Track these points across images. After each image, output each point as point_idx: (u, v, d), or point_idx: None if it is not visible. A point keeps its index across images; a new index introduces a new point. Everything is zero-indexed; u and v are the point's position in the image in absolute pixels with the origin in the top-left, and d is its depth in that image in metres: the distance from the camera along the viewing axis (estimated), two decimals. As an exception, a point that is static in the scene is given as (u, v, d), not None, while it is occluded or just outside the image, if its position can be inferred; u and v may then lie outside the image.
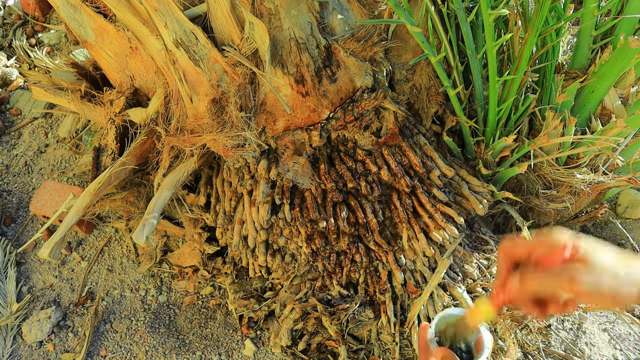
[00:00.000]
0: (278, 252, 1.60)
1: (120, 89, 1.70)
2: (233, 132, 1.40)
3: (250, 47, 1.35)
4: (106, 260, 2.00)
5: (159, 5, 1.29)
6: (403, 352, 1.56)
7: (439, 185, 1.51)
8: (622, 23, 1.37)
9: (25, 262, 2.02)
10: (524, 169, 1.46)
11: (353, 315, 1.59)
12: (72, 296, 1.92)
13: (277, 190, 1.48)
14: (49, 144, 2.36)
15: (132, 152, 1.61)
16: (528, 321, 1.50)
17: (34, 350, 1.78)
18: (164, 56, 1.43)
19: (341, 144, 1.50)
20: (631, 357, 1.58)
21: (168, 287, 1.92)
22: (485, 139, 1.56)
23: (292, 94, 1.40)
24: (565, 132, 1.43)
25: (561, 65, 1.63)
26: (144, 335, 1.80)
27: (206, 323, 1.82)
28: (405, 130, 1.53)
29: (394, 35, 1.50)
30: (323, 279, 1.61)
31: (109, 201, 1.78)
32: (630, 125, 1.36)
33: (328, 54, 1.41)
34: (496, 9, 1.14)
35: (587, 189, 1.53)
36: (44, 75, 1.93)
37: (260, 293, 1.78)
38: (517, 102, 1.46)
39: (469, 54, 1.38)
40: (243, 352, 1.73)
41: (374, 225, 1.47)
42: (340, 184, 1.48)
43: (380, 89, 1.45)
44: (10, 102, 2.53)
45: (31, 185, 2.24)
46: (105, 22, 1.57)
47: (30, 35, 2.79)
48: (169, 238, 1.93)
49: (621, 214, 2.00)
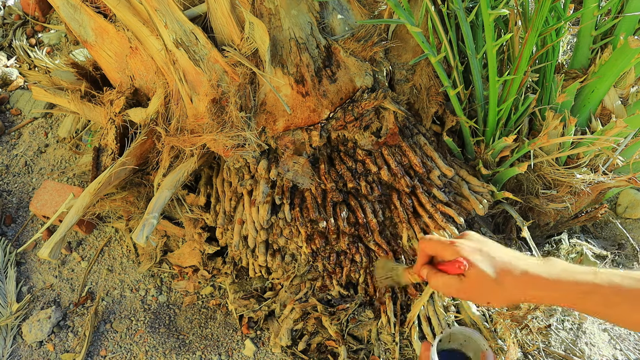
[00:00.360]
0: (278, 252, 1.60)
1: (120, 89, 1.70)
2: (233, 132, 1.40)
3: (250, 47, 1.35)
4: (106, 260, 2.00)
5: (159, 5, 1.29)
6: (403, 352, 1.56)
7: (439, 185, 1.51)
8: (622, 23, 1.37)
9: (25, 262, 2.02)
10: (524, 169, 1.46)
11: (353, 315, 1.59)
12: (72, 296, 1.92)
13: (277, 190, 1.48)
14: (49, 144, 2.36)
15: (132, 152, 1.61)
16: (528, 321, 1.50)
17: (34, 350, 1.78)
18: (164, 56, 1.43)
19: (341, 144, 1.50)
20: (631, 357, 1.58)
21: (168, 287, 1.92)
22: (485, 139, 1.56)
23: (292, 94, 1.40)
24: (565, 132, 1.43)
25: (561, 65, 1.63)
26: (144, 335, 1.80)
27: (206, 323, 1.82)
28: (405, 130, 1.53)
29: (394, 35, 1.50)
30: (323, 279, 1.61)
31: (109, 201, 1.78)
32: (630, 125, 1.36)
33: (328, 54, 1.41)
34: (496, 9, 1.14)
35: (587, 189, 1.53)
36: (44, 75, 1.93)
37: (260, 293, 1.78)
38: (517, 102, 1.46)
39: (469, 54, 1.38)
40: (243, 352, 1.73)
41: (374, 225, 1.47)
42: (340, 184, 1.48)
43: (380, 89, 1.45)
44: (10, 102, 2.53)
45: (31, 185, 2.25)
46: (105, 22, 1.57)
47: (30, 35, 2.79)
48: (169, 238, 1.93)
49: (621, 214, 2.00)
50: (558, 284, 0.75)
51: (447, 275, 0.84)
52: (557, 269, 0.76)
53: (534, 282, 0.77)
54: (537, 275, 0.77)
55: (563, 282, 0.74)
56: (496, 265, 0.79)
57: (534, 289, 0.77)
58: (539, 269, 0.77)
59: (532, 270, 0.77)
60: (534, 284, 0.77)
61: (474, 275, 0.80)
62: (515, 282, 0.78)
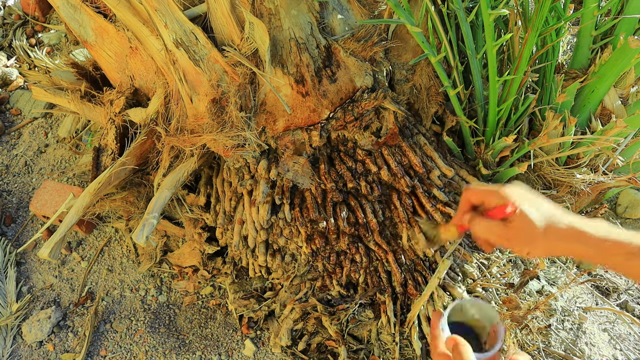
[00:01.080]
0: (278, 252, 1.60)
1: (120, 89, 1.70)
2: (233, 132, 1.40)
3: (250, 47, 1.35)
4: (106, 260, 2.00)
5: (159, 5, 1.29)
6: (403, 352, 1.56)
7: (439, 185, 1.51)
8: (622, 23, 1.37)
9: (25, 262, 2.02)
10: (524, 169, 1.46)
11: (353, 315, 1.59)
12: (72, 296, 1.92)
13: (277, 190, 1.48)
14: (49, 144, 2.36)
15: (132, 152, 1.61)
16: (528, 321, 1.50)
17: (34, 350, 1.78)
18: (164, 56, 1.43)
19: (341, 144, 1.50)
20: (631, 357, 1.58)
21: (168, 287, 1.92)
22: (485, 139, 1.56)
23: (292, 94, 1.40)
24: (565, 132, 1.43)
25: (561, 65, 1.63)
26: (144, 335, 1.80)
27: (206, 323, 1.82)
28: (405, 130, 1.53)
29: (394, 35, 1.50)
30: (323, 279, 1.61)
31: (109, 201, 1.78)
32: (630, 125, 1.36)
33: (328, 54, 1.41)
34: (496, 9, 1.14)
35: (587, 189, 1.53)
36: (44, 75, 1.93)
37: (260, 293, 1.78)
38: (517, 102, 1.46)
39: (469, 54, 1.38)
40: (243, 352, 1.73)
41: (374, 225, 1.47)
42: (340, 184, 1.48)
43: (380, 89, 1.45)
44: (10, 102, 2.53)
45: (31, 185, 2.24)
46: (105, 22, 1.57)
47: (30, 35, 2.79)
48: (169, 238, 1.93)
49: (621, 214, 2.00)
50: (604, 242, 0.75)
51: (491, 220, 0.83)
52: (604, 227, 0.77)
53: (579, 236, 0.77)
54: (583, 231, 0.77)
55: (610, 241, 0.75)
56: (544, 213, 0.80)
57: (579, 243, 0.78)
58: (587, 225, 0.78)
59: (579, 225, 0.78)
60: (579, 238, 0.77)
61: (520, 221, 0.80)
62: (560, 234, 0.79)
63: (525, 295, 1.59)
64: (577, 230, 0.78)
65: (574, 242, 0.78)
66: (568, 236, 0.78)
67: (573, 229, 0.78)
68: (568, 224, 0.79)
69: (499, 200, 0.82)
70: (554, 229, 0.79)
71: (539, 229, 0.79)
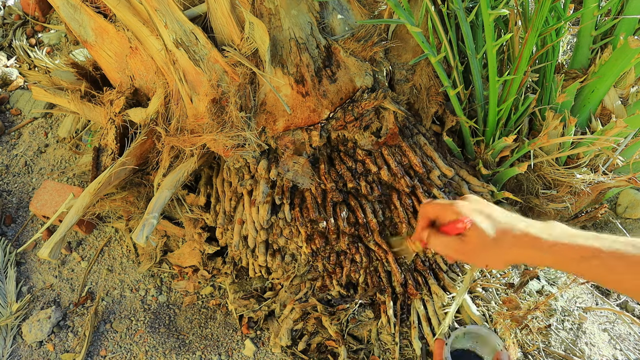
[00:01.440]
0: (278, 252, 1.60)
1: (120, 89, 1.70)
2: (233, 132, 1.40)
3: (250, 47, 1.35)
4: (106, 260, 2.00)
5: (159, 5, 1.29)
6: (403, 352, 1.56)
7: (439, 185, 1.51)
8: (622, 23, 1.37)
9: (25, 262, 2.02)
10: (524, 169, 1.46)
11: (353, 315, 1.59)
12: (72, 296, 1.92)
13: (277, 190, 1.48)
14: (49, 144, 2.36)
15: (132, 152, 1.61)
16: (528, 321, 1.50)
17: (34, 350, 1.78)
18: (164, 56, 1.43)
19: (341, 144, 1.50)
20: (631, 357, 1.58)
21: (168, 287, 1.92)
22: (485, 139, 1.56)
23: (292, 94, 1.40)
24: (565, 132, 1.43)
25: (561, 65, 1.63)
26: (144, 335, 1.80)
27: (206, 323, 1.82)
28: (405, 130, 1.53)
29: (394, 35, 1.50)
30: (323, 279, 1.61)
31: (109, 201, 1.78)
32: (630, 125, 1.36)
33: (328, 54, 1.41)
34: (496, 9, 1.14)
35: (587, 189, 1.53)
36: (44, 75, 1.93)
37: (260, 293, 1.78)
38: (517, 102, 1.46)
39: (469, 54, 1.38)
40: (243, 352, 1.73)
41: (374, 225, 1.47)
42: (340, 184, 1.48)
43: (380, 89, 1.45)
44: (10, 102, 2.53)
45: (31, 185, 2.24)
46: (105, 22, 1.57)
47: (30, 35, 2.79)
48: (169, 238, 1.93)
49: (621, 214, 2.00)
50: (558, 246, 0.73)
51: (447, 236, 0.83)
52: (557, 231, 0.75)
53: (533, 243, 0.75)
54: (536, 236, 0.75)
55: (564, 245, 0.73)
56: (496, 225, 0.79)
57: (533, 249, 0.75)
58: (539, 230, 0.76)
59: (532, 231, 0.76)
60: (534, 244, 0.75)
61: (474, 235, 0.79)
62: (514, 242, 0.77)
63: (525, 295, 1.59)
64: (531, 237, 0.76)
65: (529, 249, 0.76)
66: (522, 243, 0.77)
67: (527, 235, 0.76)
68: (522, 229, 0.77)
69: (453, 215, 0.83)
70: (509, 238, 0.78)
71: (489, 237, 0.78)
